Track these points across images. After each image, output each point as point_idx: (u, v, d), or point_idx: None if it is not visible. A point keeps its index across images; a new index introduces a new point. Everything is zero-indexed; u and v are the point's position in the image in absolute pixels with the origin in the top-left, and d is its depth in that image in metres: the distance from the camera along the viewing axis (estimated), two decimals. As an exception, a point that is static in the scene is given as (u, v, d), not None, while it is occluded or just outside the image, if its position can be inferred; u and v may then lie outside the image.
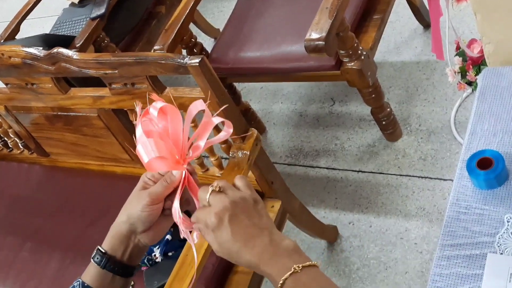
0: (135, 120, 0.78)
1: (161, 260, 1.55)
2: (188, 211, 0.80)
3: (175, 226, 0.85)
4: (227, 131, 0.79)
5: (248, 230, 0.69)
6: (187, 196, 0.79)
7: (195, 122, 1.53)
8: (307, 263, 0.66)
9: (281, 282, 0.65)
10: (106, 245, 0.79)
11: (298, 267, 0.65)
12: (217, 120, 0.78)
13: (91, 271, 0.79)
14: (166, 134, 0.77)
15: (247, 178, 0.78)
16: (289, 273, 0.65)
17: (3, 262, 1.84)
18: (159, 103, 0.79)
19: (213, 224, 0.70)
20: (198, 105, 0.78)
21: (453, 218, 1.02)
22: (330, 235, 1.94)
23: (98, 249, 0.79)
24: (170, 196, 0.79)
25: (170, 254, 1.55)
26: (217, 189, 0.74)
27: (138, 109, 0.80)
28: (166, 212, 0.80)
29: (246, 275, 1.55)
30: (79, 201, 1.93)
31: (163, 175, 0.79)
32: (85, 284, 0.78)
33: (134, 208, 0.78)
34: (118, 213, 0.81)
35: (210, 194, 0.73)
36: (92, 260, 0.79)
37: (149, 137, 0.76)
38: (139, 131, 0.78)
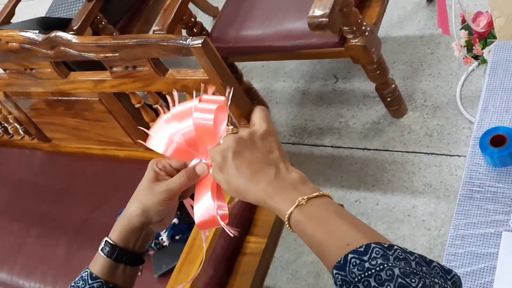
0: (136, 103, 0.75)
1: (169, 244, 1.54)
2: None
3: (181, 210, 0.84)
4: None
5: (253, 165, 0.67)
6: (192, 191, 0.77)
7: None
8: (314, 194, 0.62)
9: (287, 216, 0.62)
10: (115, 237, 0.76)
11: (303, 199, 0.62)
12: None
13: (100, 262, 0.76)
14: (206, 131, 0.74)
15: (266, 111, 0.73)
16: (293, 206, 0.62)
17: (11, 248, 1.84)
18: (210, 105, 0.74)
19: (219, 163, 0.68)
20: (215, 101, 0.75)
21: (466, 197, 1.01)
22: (337, 213, 1.93)
23: (107, 241, 0.76)
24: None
25: (177, 237, 1.55)
26: (232, 131, 0.70)
27: (175, 94, 0.78)
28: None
29: (255, 256, 1.55)
30: (83, 186, 1.92)
31: (174, 167, 0.77)
32: (93, 275, 0.76)
33: (150, 201, 0.75)
34: (123, 196, 0.79)
35: (225, 136, 0.70)
36: (101, 252, 0.76)
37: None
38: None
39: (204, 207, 0.73)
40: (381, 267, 0.52)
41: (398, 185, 1.92)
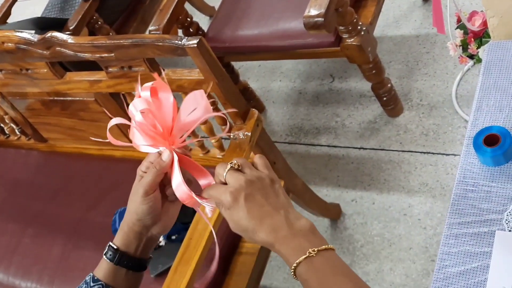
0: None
1: (165, 243, 1.54)
2: None
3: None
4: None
5: (263, 209, 0.69)
6: (188, 177, 0.78)
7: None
8: (323, 246, 0.65)
9: (294, 264, 0.64)
10: (118, 242, 0.78)
11: (314, 251, 0.64)
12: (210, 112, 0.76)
13: (103, 267, 0.78)
14: (157, 112, 0.75)
15: (264, 158, 0.76)
16: (303, 256, 0.64)
17: (6, 248, 1.83)
18: (149, 84, 0.77)
19: (229, 203, 0.70)
20: (197, 96, 0.76)
21: (460, 196, 1.01)
22: (333, 213, 1.93)
23: (110, 245, 0.78)
24: (169, 183, 0.77)
25: (173, 237, 1.55)
26: (236, 166, 0.73)
27: (138, 87, 0.79)
28: (170, 198, 0.79)
29: (251, 256, 1.55)
30: (79, 185, 1.92)
31: (151, 162, 0.77)
32: (95, 278, 0.77)
33: (134, 203, 0.77)
34: (119, 196, 0.81)
35: (228, 171, 0.72)
36: (104, 256, 0.78)
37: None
38: (133, 108, 0.76)
39: (180, 190, 0.74)
40: None
41: (394, 184, 1.92)
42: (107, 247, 0.79)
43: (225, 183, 0.73)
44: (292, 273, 0.65)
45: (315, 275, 0.63)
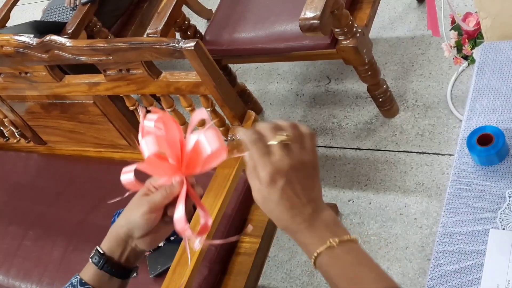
0: (131, 105, 0.77)
1: (164, 244, 1.55)
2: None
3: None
4: (221, 158, 0.75)
5: (296, 200, 0.67)
6: (190, 208, 0.78)
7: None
8: (345, 237, 0.65)
9: (315, 254, 0.64)
10: (104, 246, 0.79)
11: (335, 241, 0.64)
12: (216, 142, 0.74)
13: (89, 270, 0.79)
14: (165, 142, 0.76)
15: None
16: (324, 246, 0.64)
17: (7, 251, 1.84)
18: (153, 115, 0.76)
19: (265, 182, 0.67)
20: (200, 114, 0.77)
21: (454, 195, 1.03)
22: (330, 213, 1.94)
23: (97, 249, 0.79)
24: (172, 205, 0.77)
25: (172, 238, 1.56)
26: (288, 141, 0.68)
27: (141, 112, 0.78)
28: (166, 219, 0.79)
29: (249, 256, 1.56)
30: (79, 188, 1.93)
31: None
32: (83, 281, 0.78)
33: (133, 213, 0.77)
34: (118, 199, 0.81)
35: (279, 144, 0.68)
36: (90, 260, 0.79)
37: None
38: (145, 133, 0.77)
39: (180, 222, 0.74)
40: None
41: (390, 184, 1.94)
42: (94, 251, 0.79)
43: (267, 151, 0.68)
44: (313, 263, 0.65)
45: (336, 265, 0.63)
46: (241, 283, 1.53)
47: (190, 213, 0.77)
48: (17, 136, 2.13)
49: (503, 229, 0.95)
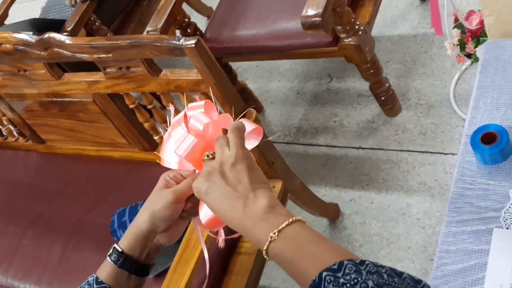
0: (130, 103, 0.75)
1: (164, 244, 1.54)
2: None
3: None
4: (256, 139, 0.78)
5: (222, 202, 0.68)
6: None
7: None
8: (284, 223, 0.63)
9: (264, 253, 0.64)
10: (123, 244, 0.78)
11: (274, 233, 0.63)
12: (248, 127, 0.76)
13: (106, 269, 0.78)
14: (205, 134, 0.76)
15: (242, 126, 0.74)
16: (266, 244, 0.63)
17: (6, 250, 1.83)
18: (198, 104, 0.78)
19: (199, 196, 0.71)
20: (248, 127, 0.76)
21: (458, 194, 1.01)
22: (332, 213, 1.93)
23: (115, 247, 0.79)
24: (191, 198, 0.78)
25: (172, 238, 1.55)
26: (209, 157, 0.73)
27: (172, 109, 0.81)
28: (183, 214, 0.79)
29: (249, 256, 1.55)
30: (78, 187, 1.92)
31: (184, 177, 0.78)
32: (99, 280, 0.77)
33: (157, 206, 0.77)
34: (118, 197, 0.81)
35: (204, 164, 0.73)
36: (108, 258, 0.78)
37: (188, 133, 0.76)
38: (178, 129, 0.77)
39: (206, 211, 0.74)
40: (355, 281, 0.54)
41: (392, 183, 1.93)
42: (112, 249, 0.79)
43: None
44: (267, 258, 0.65)
45: (285, 253, 0.62)
46: (241, 283, 1.52)
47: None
48: (16, 134, 2.12)
49: (507, 228, 0.94)
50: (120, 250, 0.78)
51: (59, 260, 1.71)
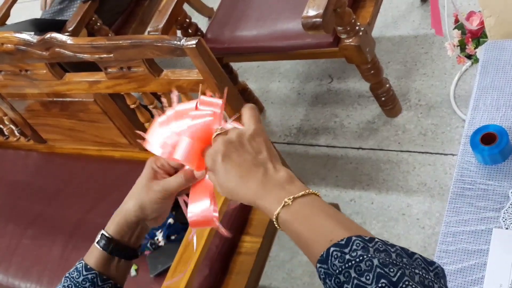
0: (131, 103, 0.74)
1: (164, 243, 1.55)
2: None
3: (176, 209, 0.84)
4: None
5: (241, 167, 0.67)
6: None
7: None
8: (300, 193, 0.63)
9: (274, 217, 0.64)
10: (111, 230, 0.78)
11: (289, 199, 0.63)
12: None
13: (95, 255, 0.78)
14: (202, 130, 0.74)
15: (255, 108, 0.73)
16: (280, 206, 0.63)
17: (6, 250, 1.84)
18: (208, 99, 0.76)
19: (210, 166, 0.70)
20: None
21: (457, 194, 1.02)
22: (332, 213, 1.93)
23: (103, 234, 0.78)
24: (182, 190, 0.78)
25: (172, 237, 1.55)
26: (221, 131, 0.72)
27: (174, 96, 0.78)
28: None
29: (250, 255, 1.55)
30: (78, 186, 1.92)
31: (172, 166, 0.78)
32: (88, 266, 0.77)
33: (146, 198, 0.76)
34: (118, 197, 0.80)
35: (214, 138, 0.71)
36: (96, 244, 0.78)
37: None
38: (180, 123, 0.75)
39: (200, 208, 0.75)
40: (361, 258, 0.53)
41: (392, 184, 1.93)
42: (99, 235, 0.78)
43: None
44: (276, 225, 0.64)
45: (295, 221, 0.62)
46: (242, 283, 1.52)
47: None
48: (17, 134, 2.12)
49: (507, 228, 0.94)
50: (109, 236, 0.77)
51: (59, 259, 1.71)
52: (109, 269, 0.78)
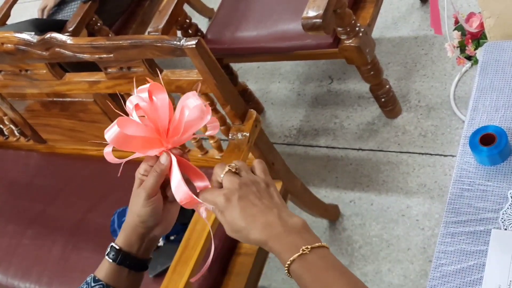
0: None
1: (163, 244, 1.55)
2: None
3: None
4: (213, 129, 0.80)
5: (256, 208, 0.70)
6: (186, 176, 0.78)
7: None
8: (317, 244, 0.66)
9: (289, 262, 0.65)
10: (121, 242, 0.79)
11: (307, 248, 0.65)
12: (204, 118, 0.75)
13: (105, 268, 0.79)
14: (154, 114, 0.75)
15: (262, 162, 0.78)
16: (297, 254, 0.65)
17: (6, 250, 1.84)
18: (146, 86, 0.77)
19: (222, 205, 0.71)
20: (190, 98, 0.76)
21: (456, 195, 1.02)
22: (332, 214, 1.94)
23: (113, 246, 0.79)
24: (168, 184, 0.78)
25: (172, 238, 1.55)
26: (234, 169, 0.74)
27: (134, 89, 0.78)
28: (170, 198, 0.80)
29: (249, 256, 1.55)
30: (78, 187, 1.92)
31: (149, 165, 0.78)
32: (96, 278, 0.78)
33: (137, 206, 0.77)
34: (118, 197, 0.82)
35: (225, 173, 0.74)
36: (106, 257, 0.79)
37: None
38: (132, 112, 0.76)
39: (180, 191, 0.75)
40: None
41: (392, 185, 1.93)
42: (109, 248, 0.80)
43: (221, 185, 0.74)
44: (286, 270, 0.66)
45: (309, 271, 0.64)
46: (241, 284, 1.52)
47: (188, 182, 0.77)
48: (17, 134, 2.13)
49: (505, 229, 0.94)
50: (118, 247, 0.79)
51: (58, 259, 1.71)
52: (119, 281, 0.79)
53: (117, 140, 0.74)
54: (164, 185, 0.79)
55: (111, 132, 0.74)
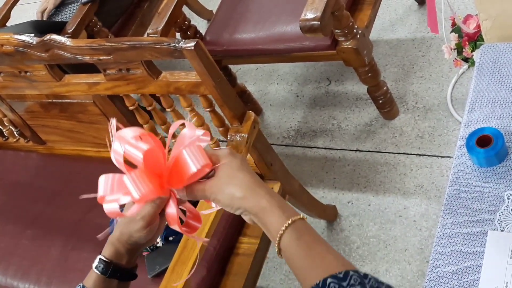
0: (130, 105, 0.75)
1: (162, 244, 1.55)
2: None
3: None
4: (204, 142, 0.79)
5: (254, 178, 0.72)
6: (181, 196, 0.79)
7: (192, 106, 1.52)
8: (298, 216, 0.68)
9: (280, 232, 0.67)
10: (109, 255, 0.80)
11: (293, 220, 0.67)
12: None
13: (94, 279, 0.79)
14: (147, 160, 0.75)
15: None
16: (285, 225, 0.67)
17: (5, 250, 1.84)
18: (131, 133, 0.77)
19: (226, 153, 0.74)
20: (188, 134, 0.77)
21: (453, 197, 1.03)
22: (330, 214, 1.95)
23: (101, 258, 0.80)
24: (163, 211, 0.78)
25: (171, 238, 1.56)
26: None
27: (113, 125, 0.78)
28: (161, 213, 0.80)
29: (247, 257, 1.56)
30: (78, 187, 1.93)
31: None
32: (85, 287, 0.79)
33: (132, 230, 0.78)
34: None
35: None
36: (95, 270, 0.79)
37: (131, 170, 0.74)
38: (119, 157, 0.76)
39: (175, 223, 0.76)
40: None
41: (390, 186, 1.94)
42: (97, 260, 0.80)
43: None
44: (277, 243, 0.67)
45: (298, 243, 0.66)
46: (239, 284, 1.53)
47: (181, 202, 0.79)
48: (16, 135, 2.13)
49: (502, 230, 0.95)
50: (107, 260, 0.79)
51: (57, 260, 1.71)
52: None
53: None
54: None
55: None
